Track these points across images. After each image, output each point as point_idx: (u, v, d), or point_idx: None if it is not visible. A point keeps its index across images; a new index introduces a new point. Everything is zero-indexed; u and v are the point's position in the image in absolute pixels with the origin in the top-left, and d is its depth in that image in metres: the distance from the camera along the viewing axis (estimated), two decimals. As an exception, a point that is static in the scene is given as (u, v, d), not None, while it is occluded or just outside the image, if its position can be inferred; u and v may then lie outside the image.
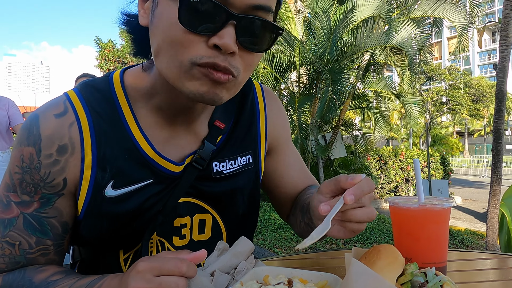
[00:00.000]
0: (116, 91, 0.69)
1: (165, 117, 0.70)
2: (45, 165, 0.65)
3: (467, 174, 21.76)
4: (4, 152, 3.22)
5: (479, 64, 66.74)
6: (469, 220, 7.63)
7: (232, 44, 0.54)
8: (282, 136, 0.88)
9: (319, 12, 6.87)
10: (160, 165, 0.70)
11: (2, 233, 0.66)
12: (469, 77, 35.51)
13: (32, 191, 0.66)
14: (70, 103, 0.68)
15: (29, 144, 0.65)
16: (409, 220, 0.71)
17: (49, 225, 0.67)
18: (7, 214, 0.67)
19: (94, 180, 0.66)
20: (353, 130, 8.46)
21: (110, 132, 0.67)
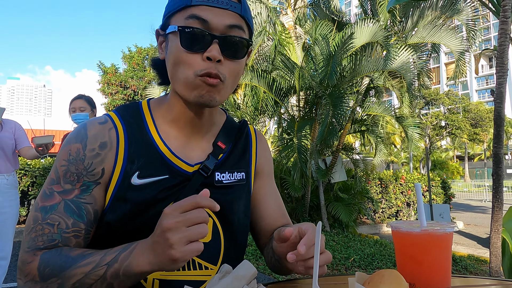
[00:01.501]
0: (143, 109, 0.92)
1: (179, 129, 0.90)
2: (89, 157, 0.82)
3: (469, 198, 21.62)
4: (9, 175, 3.19)
5: (477, 89, 67.44)
6: (472, 245, 7.54)
7: (217, 54, 0.77)
8: (265, 167, 1.06)
9: (319, 38, 7.01)
10: (175, 164, 0.87)
11: (43, 217, 0.78)
12: (467, 101, 35.80)
13: (75, 179, 0.81)
14: (109, 117, 0.89)
15: (77, 142, 0.84)
16: (412, 244, 0.71)
17: (85, 210, 0.81)
18: (50, 202, 0.80)
19: (124, 170, 0.83)
20: (353, 153, 8.47)
21: (138, 136, 0.87)
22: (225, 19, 0.80)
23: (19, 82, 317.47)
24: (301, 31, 9.02)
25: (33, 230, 0.78)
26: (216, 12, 0.79)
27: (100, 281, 0.70)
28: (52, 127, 27.34)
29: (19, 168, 6.80)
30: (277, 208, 1.05)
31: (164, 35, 0.86)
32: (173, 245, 0.62)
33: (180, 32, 0.79)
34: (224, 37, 0.79)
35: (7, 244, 3.15)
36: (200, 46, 0.78)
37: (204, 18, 0.78)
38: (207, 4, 0.79)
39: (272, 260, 0.93)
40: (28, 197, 7.12)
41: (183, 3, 0.80)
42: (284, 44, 7.86)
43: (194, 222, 0.63)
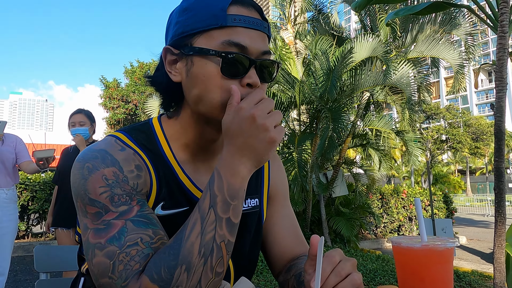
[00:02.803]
0: (157, 132, 0.85)
1: (192, 153, 0.85)
2: (131, 178, 0.74)
3: (471, 213, 21.47)
4: (9, 189, 3.18)
5: (477, 103, 67.68)
6: (475, 260, 7.44)
7: (257, 80, 0.76)
8: (280, 189, 1.00)
9: (319, 53, 7.07)
10: (194, 194, 0.82)
11: (119, 246, 0.67)
12: (468, 116, 35.90)
13: (128, 199, 0.72)
14: (122, 141, 0.80)
15: (108, 166, 0.73)
16: (413, 260, 0.70)
17: (155, 219, 0.73)
18: (113, 231, 0.68)
19: (157, 196, 0.78)
20: (355, 167, 8.45)
21: (158, 162, 0.80)
22: (260, 44, 0.77)
23: (22, 97, 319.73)
24: (301, 46, 9.11)
25: (116, 263, 0.66)
26: (252, 35, 0.75)
27: (218, 224, 0.66)
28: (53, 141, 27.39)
29: (19, 182, 6.81)
30: (293, 235, 0.98)
31: (182, 55, 0.78)
32: (268, 127, 0.66)
33: (222, 58, 0.73)
34: (260, 63, 0.77)
35: (5, 260, 3.11)
36: (239, 72, 0.75)
37: (243, 44, 0.74)
38: (243, 25, 0.74)
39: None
40: (27, 212, 7.08)
41: (216, 23, 0.73)
42: (284, 59, 7.92)
43: (271, 108, 0.68)
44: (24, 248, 6.71)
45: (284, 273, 0.94)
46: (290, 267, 0.92)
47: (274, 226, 0.97)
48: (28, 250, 6.71)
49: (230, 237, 0.68)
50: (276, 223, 0.97)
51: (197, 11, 0.76)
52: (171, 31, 0.80)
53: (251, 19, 0.75)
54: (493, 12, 3.31)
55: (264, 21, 0.79)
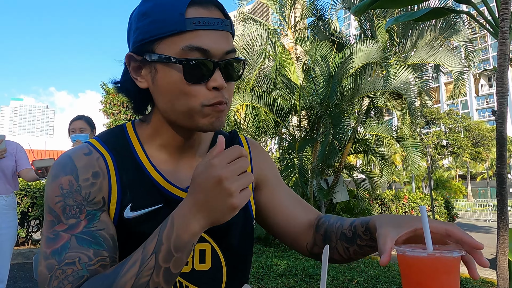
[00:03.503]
0: (129, 134, 0.85)
1: (169, 153, 0.85)
2: (84, 186, 0.75)
3: (472, 218, 21.37)
4: (8, 196, 3.18)
5: (477, 108, 67.75)
6: (478, 267, 7.37)
7: (223, 82, 0.74)
8: (269, 173, 1.00)
9: (319, 59, 7.09)
10: (169, 191, 0.81)
11: (58, 261, 0.69)
12: (468, 121, 35.91)
13: (77, 212, 0.73)
14: (92, 146, 0.81)
15: (66, 174, 0.75)
16: (419, 269, 0.68)
17: (101, 237, 0.73)
18: (58, 243, 0.71)
19: (119, 202, 0.77)
20: (355, 172, 8.43)
21: (127, 163, 0.81)
22: (223, 44, 0.75)
23: (23, 103, 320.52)
24: (301, 52, 9.13)
25: (52, 278, 0.68)
26: (213, 37, 0.74)
27: (155, 272, 0.65)
28: (54, 147, 27.45)
29: (19, 189, 6.80)
30: (301, 207, 0.99)
31: (144, 62, 0.77)
32: (233, 193, 0.63)
33: (184, 65, 0.72)
34: (224, 63, 0.76)
35: (4, 267, 3.09)
36: (204, 76, 0.74)
37: (205, 48, 0.73)
38: (204, 28, 0.73)
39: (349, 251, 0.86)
40: (28, 218, 7.07)
41: (175, 28, 0.72)
42: (284, 65, 7.95)
43: (243, 170, 0.65)
44: (24, 255, 6.68)
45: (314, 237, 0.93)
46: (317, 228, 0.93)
47: (280, 206, 0.97)
48: (28, 257, 6.68)
49: (166, 285, 0.67)
50: (281, 203, 0.97)
51: (156, 16, 0.74)
52: (132, 36, 0.79)
53: (211, 19, 0.74)
54: (493, 18, 3.31)
55: (226, 19, 0.77)
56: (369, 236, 0.81)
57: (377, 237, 0.71)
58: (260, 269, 5.24)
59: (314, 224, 0.95)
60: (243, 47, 8.60)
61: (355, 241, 0.84)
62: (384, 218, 0.77)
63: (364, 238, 0.82)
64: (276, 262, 5.58)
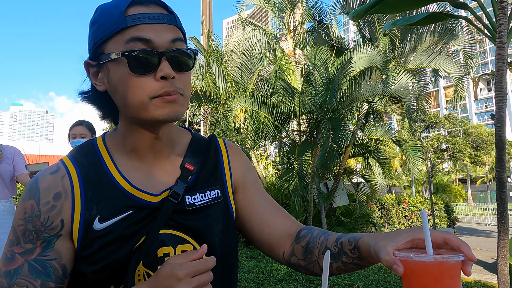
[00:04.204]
0: (99, 146, 0.88)
1: (139, 158, 0.86)
2: (44, 211, 0.78)
3: (473, 222, 21.34)
4: (6, 202, 3.16)
5: (476, 112, 67.85)
6: (478, 270, 7.37)
7: (170, 72, 0.75)
8: (246, 177, 1.00)
9: (318, 64, 7.11)
10: (138, 197, 0.83)
11: (9, 284, 0.74)
12: (467, 124, 35.93)
13: (34, 237, 0.77)
14: (62, 163, 0.85)
15: (30, 198, 0.79)
16: (423, 274, 0.67)
17: (51, 267, 0.77)
18: (13, 265, 0.76)
19: (83, 217, 0.79)
20: (355, 176, 8.42)
21: (95, 177, 0.83)
22: (167, 34, 0.77)
23: (22, 108, 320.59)
24: (300, 56, 9.16)
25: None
26: (156, 28, 0.76)
27: None
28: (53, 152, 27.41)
29: (18, 194, 6.78)
30: (280, 213, 0.99)
31: (99, 65, 0.81)
32: None
33: (126, 57, 0.75)
34: (171, 53, 0.77)
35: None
36: (150, 67, 0.75)
37: (147, 38, 0.75)
38: (145, 22, 0.76)
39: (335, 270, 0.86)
40: (26, 224, 7.05)
41: (117, 27, 0.76)
42: (284, 69, 7.97)
43: (205, 284, 0.69)
44: (23, 260, 6.66)
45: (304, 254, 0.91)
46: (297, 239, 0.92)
47: (257, 211, 0.97)
48: (27, 262, 6.65)
49: None
50: (257, 209, 0.97)
51: (101, 21, 0.79)
52: (88, 45, 0.83)
53: (152, 14, 0.76)
54: (491, 23, 3.33)
55: (169, 14, 0.79)
56: (357, 255, 0.80)
57: (377, 251, 0.71)
58: (260, 274, 5.22)
59: (294, 234, 0.95)
60: (243, 52, 8.63)
61: (340, 258, 0.83)
62: (377, 235, 0.78)
63: (351, 256, 0.82)
64: (276, 267, 5.56)
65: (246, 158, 1.06)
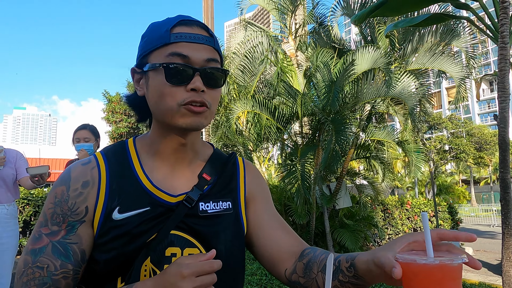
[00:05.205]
0: (129, 146, 0.97)
1: (163, 161, 0.95)
2: (72, 197, 0.87)
3: (476, 223, 21.25)
4: (9, 205, 3.16)
5: (479, 113, 67.62)
6: (483, 272, 7.33)
7: (201, 85, 0.85)
8: (258, 193, 1.06)
9: (320, 66, 7.10)
10: (157, 196, 0.90)
11: (33, 261, 0.82)
12: (470, 125, 35.79)
13: (61, 220, 0.85)
14: (94, 157, 0.94)
15: (62, 184, 0.89)
16: (425, 277, 0.66)
17: (72, 250, 0.84)
18: (38, 244, 0.84)
19: (106, 206, 0.87)
20: (358, 178, 8.39)
21: (121, 172, 0.91)
22: (203, 53, 0.87)
23: (25, 112, 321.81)
24: (302, 58, 9.15)
25: (24, 274, 0.81)
26: (194, 47, 0.86)
27: None
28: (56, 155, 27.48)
29: (22, 197, 6.80)
30: (287, 231, 1.03)
31: (142, 73, 0.92)
32: None
33: (164, 68, 0.84)
34: (204, 70, 0.86)
35: (6, 277, 3.08)
36: (184, 79, 0.85)
37: (185, 54, 0.85)
38: (185, 40, 0.86)
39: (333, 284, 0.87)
40: (30, 227, 7.06)
41: (162, 42, 0.86)
42: (286, 71, 7.96)
43: (207, 285, 0.73)
44: (26, 264, 6.67)
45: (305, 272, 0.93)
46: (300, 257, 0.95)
47: (264, 226, 1.02)
48: (30, 266, 6.67)
49: None
50: (265, 224, 1.02)
51: (150, 35, 0.90)
52: (136, 55, 0.94)
53: (192, 34, 0.87)
54: (493, 23, 3.32)
55: (208, 36, 0.90)
56: (353, 273, 0.82)
57: (377, 261, 0.73)
58: (263, 276, 5.21)
59: (299, 253, 0.97)
60: (245, 54, 8.63)
61: (337, 276, 0.85)
62: (374, 250, 0.78)
63: (347, 274, 0.83)
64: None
65: (261, 176, 1.14)
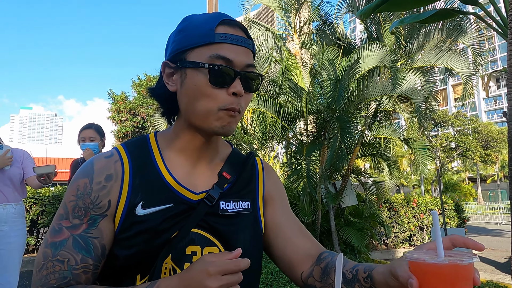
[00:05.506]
0: (150, 141, 0.96)
1: (185, 157, 0.94)
2: (95, 190, 0.85)
3: (483, 221, 21.11)
4: (17, 204, 3.17)
5: (485, 110, 67.06)
6: (490, 270, 7.28)
7: (241, 90, 0.85)
8: (276, 194, 1.07)
9: (325, 64, 7.07)
10: (180, 192, 0.89)
11: (53, 254, 0.80)
12: (477, 122, 35.50)
13: (83, 214, 0.84)
14: (116, 150, 0.93)
15: (84, 176, 0.87)
16: (435, 277, 0.65)
17: (92, 245, 0.83)
18: (59, 237, 0.82)
19: (128, 201, 0.86)
20: (363, 177, 8.35)
21: (143, 167, 0.90)
22: (244, 58, 0.87)
23: (32, 111, 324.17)
24: (307, 56, 9.12)
25: (44, 267, 0.80)
26: (237, 50, 0.86)
27: None
28: (62, 155, 27.68)
29: (29, 196, 6.84)
30: (304, 234, 1.03)
31: (177, 68, 0.89)
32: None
33: (210, 69, 0.83)
34: (245, 74, 0.87)
35: (14, 276, 3.10)
36: (226, 82, 0.85)
37: (228, 57, 0.84)
38: (229, 42, 0.85)
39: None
40: (37, 226, 7.10)
41: (206, 40, 0.85)
42: (291, 69, 7.93)
43: (233, 284, 0.72)
44: (33, 262, 6.68)
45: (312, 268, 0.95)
46: (318, 260, 0.95)
47: (282, 228, 1.02)
48: (37, 264, 6.71)
49: None
50: (282, 225, 1.02)
51: (190, 31, 0.87)
52: (169, 48, 0.92)
53: (236, 36, 0.86)
54: (502, 18, 3.27)
55: (248, 39, 0.89)
56: (370, 284, 0.82)
57: (394, 272, 0.73)
58: (269, 275, 5.20)
59: (316, 256, 0.98)
60: (249, 52, 8.60)
61: (353, 285, 0.86)
62: (391, 262, 0.80)
63: (364, 285, 0.84)
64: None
65: (278, 177, 1.14)
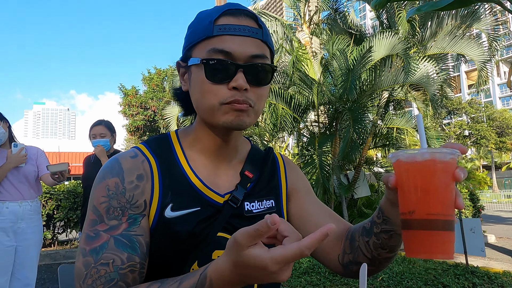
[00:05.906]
0: (172, 140, 0.93)
1: (208, 158, 0.91)
2: (129, 189, 0.80)
3: (499, 209, 20.85)
4: (33, 201, 3.22)
5: (500, 96, 65.70)
6: (506, 260, 7.18)
7: (243, 83, 0.78)
8: (300, 185, 1.03)
9: (336, 53, 6.96)
10: (206, 195, 0.86)
11: (95, 259, 0.74)
12: (491, 109, 34.83)
13: (120, 214, 0.78)
14: (138, 149, 0.89)
15: (113, 176, 0.82)
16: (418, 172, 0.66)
17: (138, 242, 0.78)
18: (98, 242, 0.76)
19: (160, 202, 0.82)
20: (376, 166, 8.27)
21: (169, 167, 0.87)
22: (248, 48, 0.80)
23: (45, 107, 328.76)
24: (317, 46, 9.00)
25: (87, 276, 0.74)
26: (239, 41, 0.79)
27: None
28: (75, 149, 28.08)
29: (44, 192, 6.94)
30: (334, 218, 1.00)
31: (186, 67, 0.87)
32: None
33: (204, 64, 0.79)
34: (248, 66, 0.80)
35: (32, 271, 3.15)
36: (225, 77, 0.79)
37: (227, 50, 0.78)
38: (230, 33, 0.79)
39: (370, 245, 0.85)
40: (53, 220, 7.23)
41: (204, 35, 0.81)
42: (301, 59, 7.84)
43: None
44: (51, 256, 6.84)
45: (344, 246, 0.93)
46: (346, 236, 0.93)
47: (312, 218, 0.98)
48: (54, 258, 6.84)
49: None
50: (310, 213, 0.99)
51: (195, 27, 0.84)
52: (182, 47, 0.89)
53: (238, 26, 0.80)
54: (521, 4, 3.15)
55: (256, 28, 0.82)
56: (382, 219, 0.81)
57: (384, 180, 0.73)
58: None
59: (345, 234, 0.96)
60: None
61: (372, 231, 0.85)
62: None
63: (378, 222, 0.82)
64: (299, 260, 5.54)
65: (299, 169, 1.10)
